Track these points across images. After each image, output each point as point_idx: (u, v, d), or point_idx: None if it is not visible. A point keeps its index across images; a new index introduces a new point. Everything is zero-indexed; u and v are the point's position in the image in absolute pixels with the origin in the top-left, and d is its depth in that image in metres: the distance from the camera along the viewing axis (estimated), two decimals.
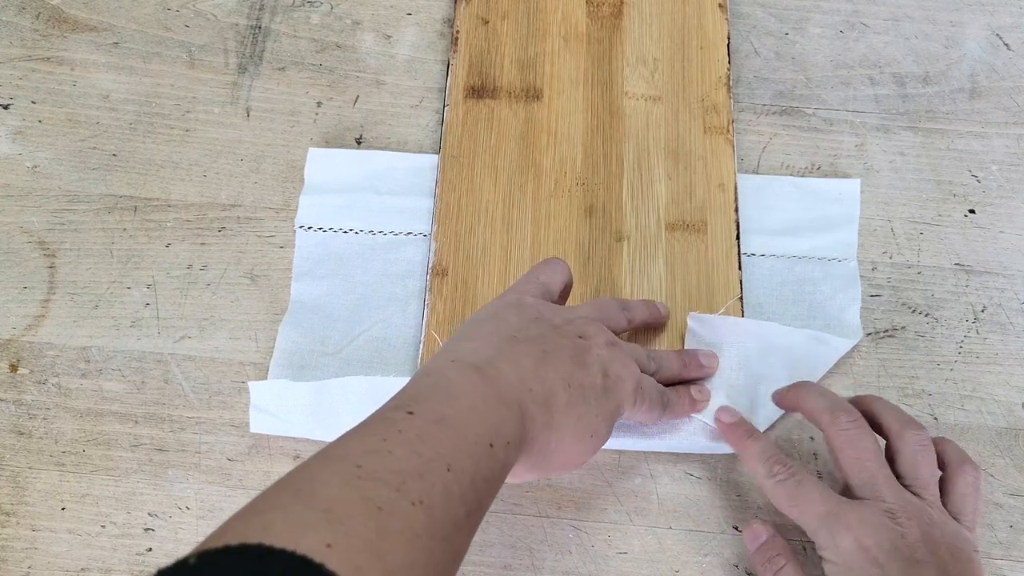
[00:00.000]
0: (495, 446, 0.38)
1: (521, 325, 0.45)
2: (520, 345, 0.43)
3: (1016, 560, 0.51)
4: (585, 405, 0.43)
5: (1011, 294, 0.57)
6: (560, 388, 0.42)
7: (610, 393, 0.44)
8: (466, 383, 0.40)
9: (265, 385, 0.52)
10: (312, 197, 0.59)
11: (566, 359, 0.44)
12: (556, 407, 0.42)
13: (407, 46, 0.65)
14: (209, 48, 0.65)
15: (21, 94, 0.63)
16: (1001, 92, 0.63)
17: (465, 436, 0.37)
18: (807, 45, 0.65)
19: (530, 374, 0.42)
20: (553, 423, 0.42)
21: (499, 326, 0.44)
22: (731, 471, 0.53)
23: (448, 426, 0.37)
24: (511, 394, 0.41)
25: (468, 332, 0.45)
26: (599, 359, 0.45)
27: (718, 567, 0.51)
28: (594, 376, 0.44)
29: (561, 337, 0.45)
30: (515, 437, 0.40)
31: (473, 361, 0.41)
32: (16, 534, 0.52)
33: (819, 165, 0.61)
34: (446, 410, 0.38)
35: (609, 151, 0.60)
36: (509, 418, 0.40)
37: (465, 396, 0.39)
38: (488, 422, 0.39)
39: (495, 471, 0.38)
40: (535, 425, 0.41)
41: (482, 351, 0.42)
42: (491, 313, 0.46)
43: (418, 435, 0.36)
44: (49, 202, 0.60)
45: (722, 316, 0.55)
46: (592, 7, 0.65)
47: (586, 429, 0.43)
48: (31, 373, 0.56)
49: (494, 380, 0.41)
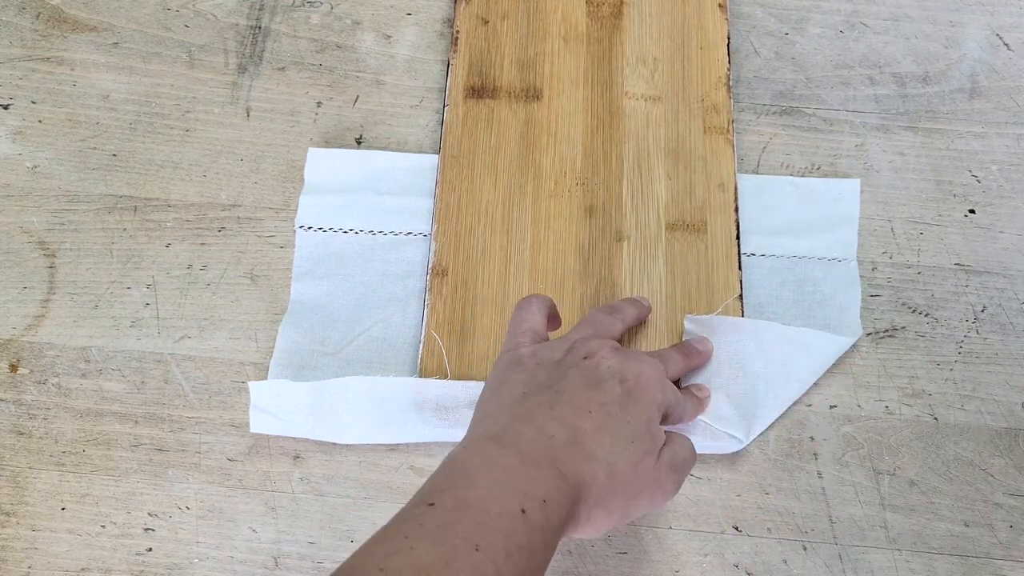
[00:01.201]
0: (528, 511, 0.37)
1: (526, 379, 0.44)
2: (531, 398, 0.43)
3: (1016, 560, 0.51)
4: (612, 419, 0.42)
5: (1011, 294, 0.57)
6: (583, 419, 0.42)
7: (634, 395, 0.43)
8: (483, 461, 0.39)
9: (265, 385, 0.52)
10: (312, 197, 0.59)
11: (580, 388, 0.43)
12: (585, 438, 0.41)
13: (407, 46, 0.65)
14: (209, 48, 0.65)
15: (21, 94, 0.63)
16: (1001, 92, 0.63)
17: (488, 511, 0.37)
18: (807, 45, 0.65)
19: (548, 421, 0.41)
20: (589, 454, 0.41)
21: (506, 391, 0.44)
22: (731, 471, 0.53)
23: (470, 508, 0.37)
24: (535, 452, 0.40)
25: (479, 411, 0.44)
26: (611, 370, 0.44)
27: (718, 567, 0.51)
28: (612, 389, 0.43)
29: (568, 369, 0.44)
30: (552, 492, 0.39)
31: (489, 435, 0.41)
32: (16, 534, 0.52)
33: (819, 165, 0.61)
34: (466, 493, 0.37)
35: (609, 151, 0.60)
36: (538, 476, 0.39)
37: (484, 473, 0.38)
38: (513, 489, 0.38)
39: (534, 535, 0.37)
40: (572, 467, 0.40)
41: (497, 423, 0.42)
42: (495, 382, 0.45)
43: (439, 525, 0.36)
44: (49, 202, 0.60)
45: (720, 316, 0.55)
46: (592, 7, 0.65)
47: (624, 440, 0.42)
48: (31, 373, 0.55)
49: (514, 445, 0.40)
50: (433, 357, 0.54)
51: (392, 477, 0.53)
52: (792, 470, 0.53)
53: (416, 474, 0.53)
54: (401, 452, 0.53)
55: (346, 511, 0.52)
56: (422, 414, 0.52)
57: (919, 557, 0.51)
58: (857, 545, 0.51)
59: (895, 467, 0.53)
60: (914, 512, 0.52)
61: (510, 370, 0.45)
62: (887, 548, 0.51)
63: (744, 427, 0.52)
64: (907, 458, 0.53)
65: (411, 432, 0.52)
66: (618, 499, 0.41)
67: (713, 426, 0.51)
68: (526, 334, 0.48)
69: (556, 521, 0.38)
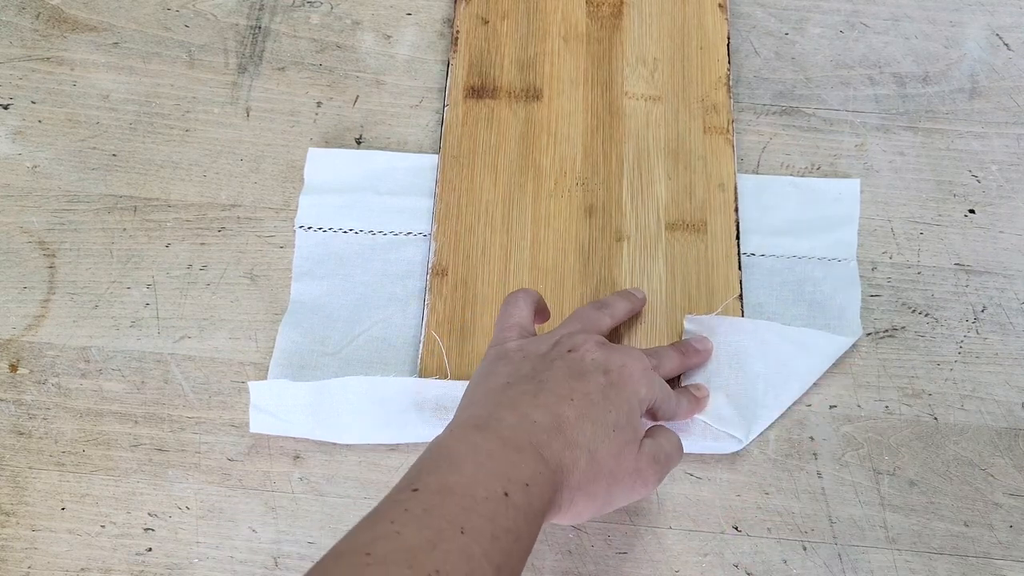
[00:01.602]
0: (511, 494, 0.38)
1: (511, 370, 0.45)
2: (515, 387, 0.43)
3: (1016, 560, 0.51)
4: (594, 408, 0.43)
5: (1011, 294, 0.57)
6: (564, 406, 0.42)
7: (617, 386, 0.44)
8: (467, 446, 0.40)
9: (265, 385, 0.52)
10: (312, 197, 0.59)
11: (563, 379, 0.43)
12: (567, 425, 0.42)
13: (407, 46, 0.65)
14: (209, 48, 0.65)
15: (21, 94, 0.63)
16: (1001, 92, 0.63)
17: (474, 495, 0.37)
18: (807, 45, 0.65)
19: (532, 408, 0.42)
20: (570, 441, 0.41)
21: (491, 381, 0.44)
22: (731, 471, 0.53)
23: (454, 492, 0.37)
24: (517, 437, 0.40)
25: (465, 400, 0.45)
26: (595, 363, 0.45)
27: (718, 567, 0.51)
28: (595, 379, 0.44)
29: (553, 361, 0.45)
30: (535, 476, 0.39)
31: (473, 423, 0.41)
32: (16, 534, 0.52)
33: (819, 165, 0.61)
34: (450, 477, 0.38)
35: (609, 151, 0.60)
36: (520, 460, 0.39)
37: (468, 458, 0.39)
38: (497, 473, 0.38)
39: (519, 519, 0.38)
40: (554, 452, 0.41)
41: (480, 410, 0.42)
42: (481, 374, 0.46)
43: (425, 509, 0.36)
44: (49, 202, 0.60)
45: (719, 316, 0.55)
46: (592, 7, 0.65)
47: (605, 428, 0.42)
48: (31, 373, 0.56)
49: (496, 431, 0.40)
50: (433, 357, 0.54)
51: (392, 477, 0.53)
52: (792, 470, 0.53)
53: None
54: (401, 452, 0.53)
55: (346, 511, 0.52)
56: (422, 414, 0.52)
57: (919, 557, 0.51)
58: (857, 545, 0.51)
59: (895, 467, 0.53)
60: (914, 512, 0.52)
61: (496, 363, 0.46)
62: (887, 548, 0.51)
63: (744, 427, 0.52)
64: (907, 458, 0.53)
65: (411, 432, 0.52)
66: (599, 486, 0.42)
67: (713, 426, 0.51)
68: (513, 328, 0.48)
69: (539, 505, 0.39)
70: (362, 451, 0.53)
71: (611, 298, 0.53)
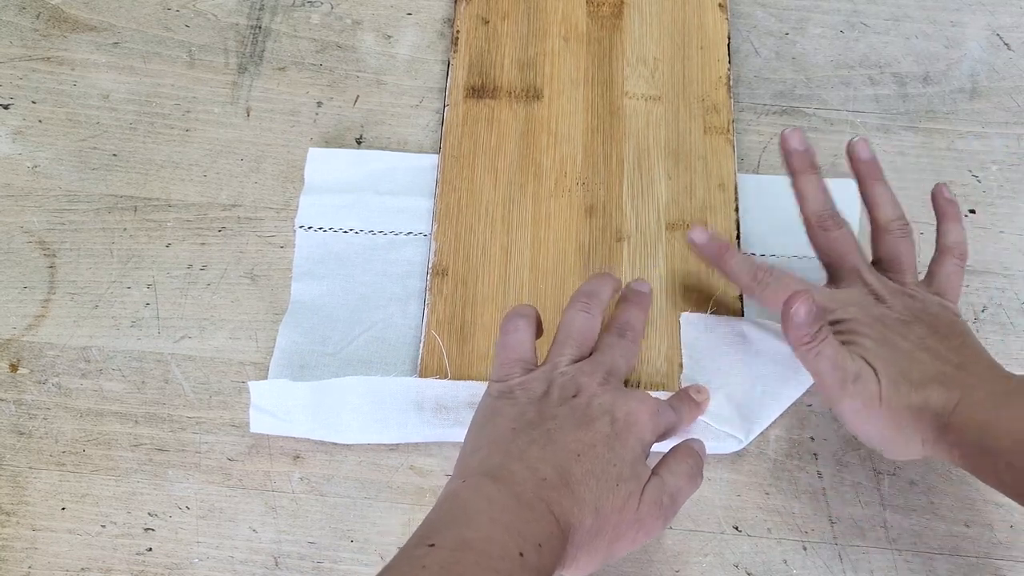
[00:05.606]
0: (526, 554, 0.38)
1: (516, 413, 0.44)
2: (522, 435, 0.43)
3: (1016, 560, 0.51)
4: (599, 462, 0.42)
5: (1011, 294, 0.57)
6: (571, 461, 0.42)
7: (623, 436, 0.43)
8: (482, 499, 0.40)
9: (265, 385, 0.52)
10: (312, 197, 0.59)
11: (570, 428, 0.43)
12: (574, 481, 0.41)
13: (407, 46, 0.65)
14: (209, 48, 0.65)
15: (21, 94, 0.63)
16: (1001, 92, 0.63)
17: (490, 554, 0.37)
18: (807, 45, 0.65)
19: (541, 463, 0.41)
20: (578, 498, 0.41)
21: (497, 423, 0.44)
22: (731, 471, 0.53)
23: (471, 549, 0.37)
24: (529, 493, 0.40)
25: (471, 441, 0.44)
26: (601, 407, 0.44)
27: (718, 567, 0.51)
28: (602, 428, 0.43)
29: (559, 407, 0.44)
30: (547, 536, 0.39)
31: (485, 471, 0.41)
32: (16, 534, 0.52)
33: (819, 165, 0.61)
34: (467, 533, 0.38)
35: (609, 151, 0.60)
36: (533, 519, 0.39)
37: (483, 513, 0.39)
38: (512, 530, 0.38)
39: None
40: (563, 511, 0.40)
41: (491, 457, 0.42)
42: (486, 413, 0.45)
43: (442, 566, 0.36)
44: (49, 202, 0.60)
45: (718, 316, 0.55)
46: (592, 7, 0.65)
47: (610, 483, 0.42)
48: (31, 373, 0.56)
49: (509, 484, 0.40)
50: (433, 357, 0.55)
51: (392, 477, 0.53)
52: (792, 470, 0.53)
53: (416, 474, 0.53)
54: (401, 452, 0.53)
55: (346, 511, 0.52)
56: (422, 414, 0.52)
57: (919, 557, 0.51)
58: (857, 545, 0.51)
59: (895, 467, 0.53)
60: (914, 512, 0.52)
61: (500, 403, 0.45)
62: (887, 548, 0.51)
63: (744, 427, 0.52)
64: None
65: (411, 432, 0.52)
66: (601, 541, 0.42)
67: (713, 426, 0.51)
68: (515, 364, 0.47)
69: (549, 565, 0.39)
70: (362, 451, 0.53)
71: (593, 288, 0.50)
